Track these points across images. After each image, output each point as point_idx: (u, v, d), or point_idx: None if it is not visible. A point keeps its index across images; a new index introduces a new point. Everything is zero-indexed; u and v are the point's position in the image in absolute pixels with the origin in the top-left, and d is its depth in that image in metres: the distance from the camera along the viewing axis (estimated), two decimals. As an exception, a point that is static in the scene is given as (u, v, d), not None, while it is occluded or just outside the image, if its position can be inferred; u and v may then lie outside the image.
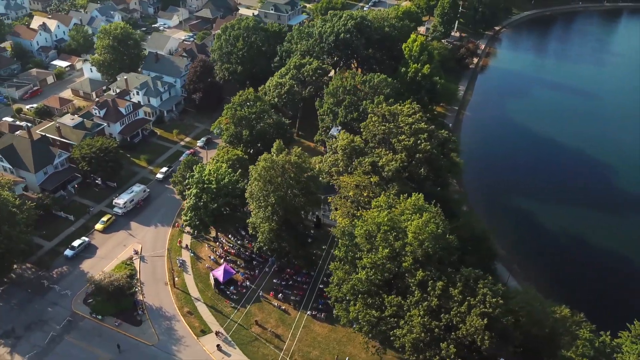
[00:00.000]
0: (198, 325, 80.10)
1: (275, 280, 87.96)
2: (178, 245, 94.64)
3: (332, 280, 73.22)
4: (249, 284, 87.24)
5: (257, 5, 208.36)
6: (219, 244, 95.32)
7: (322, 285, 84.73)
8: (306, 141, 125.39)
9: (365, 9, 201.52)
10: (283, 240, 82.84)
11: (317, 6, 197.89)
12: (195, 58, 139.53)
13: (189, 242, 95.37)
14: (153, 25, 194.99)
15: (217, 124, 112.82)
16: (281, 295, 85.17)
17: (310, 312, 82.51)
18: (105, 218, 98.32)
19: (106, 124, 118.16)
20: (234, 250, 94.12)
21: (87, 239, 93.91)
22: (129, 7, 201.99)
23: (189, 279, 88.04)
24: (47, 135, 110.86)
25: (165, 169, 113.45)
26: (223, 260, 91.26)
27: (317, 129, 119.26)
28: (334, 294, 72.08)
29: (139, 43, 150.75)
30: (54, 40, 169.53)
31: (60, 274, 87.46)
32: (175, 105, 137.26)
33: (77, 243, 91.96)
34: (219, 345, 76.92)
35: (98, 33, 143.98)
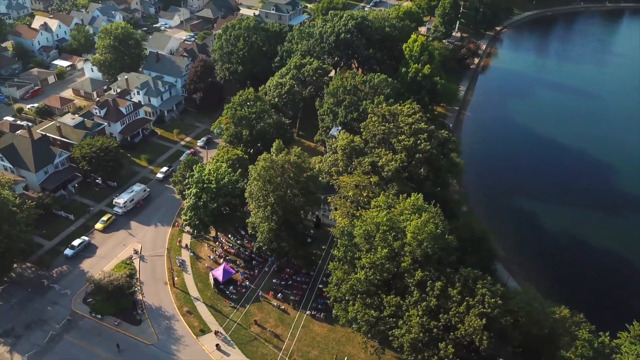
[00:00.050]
0: (197, 324, 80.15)
1: (274, 280, 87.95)
2: (178, 244, 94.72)
3: (331, 280, 73.19)
4: (249, 283, 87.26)
5: (258, 5, 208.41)
6: (219, 243, 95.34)
7: (322, 285, 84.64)
8: (306, 141, 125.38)
9: (366, 9, 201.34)
10: (282, 240, 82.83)
11: (318, 6, 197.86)
12: (196, 58, 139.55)
13: (188, 242, 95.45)
14: (154, 25, 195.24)
15: (217, 123, 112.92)
16: (280, 295, 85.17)
17: (310, 312, 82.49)
18: (105, 217, 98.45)
19: (107, 124, 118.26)
20: (233, 250, 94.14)
21: (87, 238, 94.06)
22: (130, 7, 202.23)
23: (188, 279, 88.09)
24: (48, 134, 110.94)
25: (165, 169, 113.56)
26: (223, 260, 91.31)
27: (318, 129, 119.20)
28: (333, 294, 72.06)
29: (140, 43, 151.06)
30: (55, 40, 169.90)
31: (60, 273, 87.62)
32: (175, 105, 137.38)
33: (77, 242, 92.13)
34: (218, 344, 76.95)
35: (99, 33, 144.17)
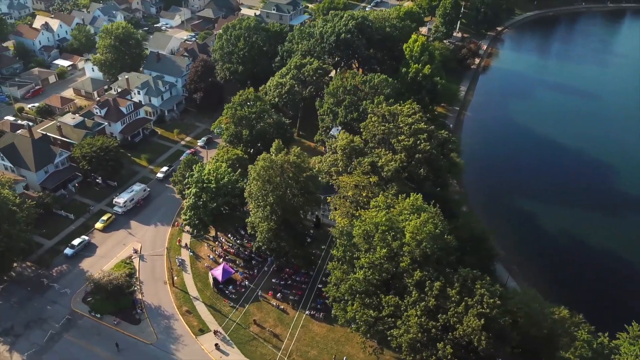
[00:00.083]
0: (196, 324, 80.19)
1: (274, 280, 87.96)
2: (177, 244, 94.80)
3: (330, 280, 73.20)
4: (248, 283, 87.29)
5: (259, 5, 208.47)
6: (218, 243, 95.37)
7: (321, 285, 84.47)
8: (307, 141, 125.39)
9: (367, 9, 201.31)
10: (281, 239, 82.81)
11: (319, 6, 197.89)
12: (196, 58, 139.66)
13: (188, 241, 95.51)
14: (155, 25, 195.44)
15: (217, 123, 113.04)
16: (280, 294, 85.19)
17: (309, 312, 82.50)
18: (105, 217, 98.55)
19: (107, 123, 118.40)
20: (233, 250, 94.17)
21: (87, 237, 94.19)
22: (132, 7, 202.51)
23: (188, 278, 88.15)
24: (48, 134, 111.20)
25: (165, 169, 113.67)
26: (222, 259, 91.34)
27: (318, 129, 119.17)
28: (332, 294, 72.03)
29: (141, 42, 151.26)
30: (56, 40, 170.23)
31: (60, 273, 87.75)
32: (176, 105, 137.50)
33: (77, 242, 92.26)
34: (217, 344, 76.97)
35: (100, 32, 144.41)
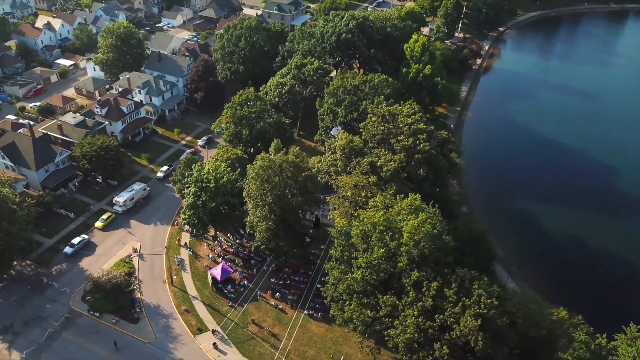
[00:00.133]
0: (195, 323, 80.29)
1: (272, 280, 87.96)
2: (177, 243, 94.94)
3: (328, 280, 73.18)
4: (247, 282, 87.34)
5: (261, 5, 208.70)
6: (218, 242, 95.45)
7: (320, 285, 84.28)
8: (307, 141, 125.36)
9: (369, 9, 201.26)
10: (280, 239, 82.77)
11: (320, 6, 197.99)
12: (197, 57, 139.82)
13: (187, 241, 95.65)
14: (157, 25, 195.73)
15: (218, 123, 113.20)
16: (278, 294, 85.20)
17: (307, 312, 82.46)
18: (105, 216, 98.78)
19: (108, 123, 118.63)
20: (232, 249, 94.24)
21: (86, 236, 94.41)
22: (134, 7, 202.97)
23: (187, 277, 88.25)
24: (49, 133, 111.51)
25: (165, 168, 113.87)
26: (221, 259, 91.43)
27: (318, 129, 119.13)
28: (330, 294, 71.98)
29: (142, 42, 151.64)
30: (58, 39, 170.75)
31: (59, 271, 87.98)
32: (177, 105, 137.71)
33: (76, 240, 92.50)
34: (215, 343, 77.02)
35: (102, 32, 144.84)
